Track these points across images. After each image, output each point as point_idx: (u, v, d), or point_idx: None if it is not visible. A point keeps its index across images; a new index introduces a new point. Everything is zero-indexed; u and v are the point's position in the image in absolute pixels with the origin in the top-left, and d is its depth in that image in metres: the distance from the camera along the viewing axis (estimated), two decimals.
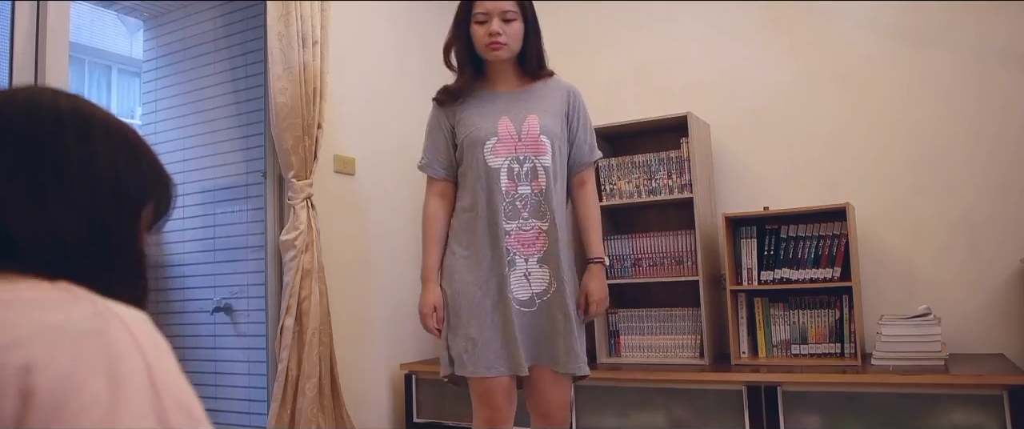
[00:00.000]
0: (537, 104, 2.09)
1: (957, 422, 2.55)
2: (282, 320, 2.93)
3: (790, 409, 2.76)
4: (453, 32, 2.07)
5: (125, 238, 0.75)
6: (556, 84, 2.15)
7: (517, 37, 2.04)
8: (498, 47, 2.00)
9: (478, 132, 2.06)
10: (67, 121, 0.72)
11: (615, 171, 3.41)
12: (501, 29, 1.99)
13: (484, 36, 2.00)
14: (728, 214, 3.15)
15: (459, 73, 2.11)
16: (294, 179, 2.99)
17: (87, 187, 0.71)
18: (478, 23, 2.01)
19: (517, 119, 2.06)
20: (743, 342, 3.14)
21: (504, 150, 2.05)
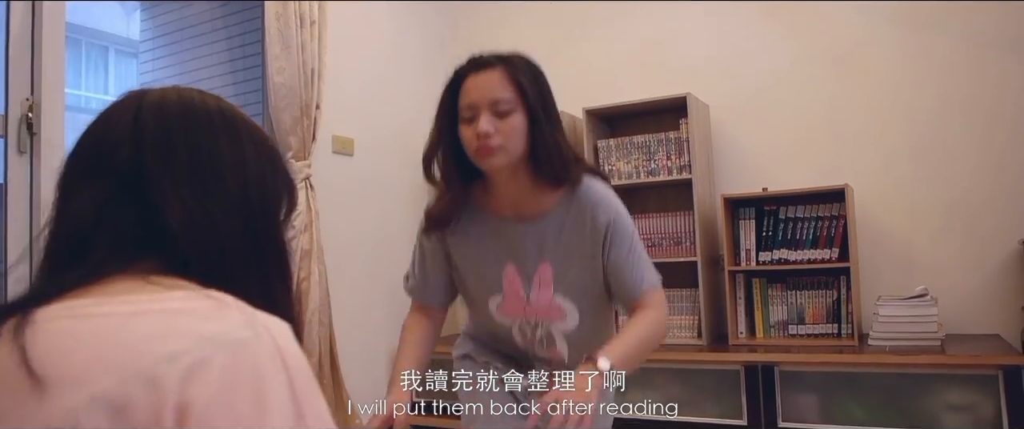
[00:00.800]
0: (554, 244, 1.46)
1: (952, 402, 2.57)
2: None
3: (787, 389, 2.78)
4: (434, 133, 1.45)
5: (273, 239, 0.76)
6: (583, 203, 1.47)
7: (517, 135, 1.37)
8: (489, 152, 1.36)
9: (478, 284, 1.56)
10: (218, 122, 0.73)
11: (614, 152, 3.41)
12: (493, 126, 1.35)
13: (472, 140, 1.37)
14: (727, 195, 3.15)
15: (446, 189, 1.49)
16: (293, 160, 2.98)
17: (242, 188, 0.72)
18: (465, 121, 1.39)
19: (525, 269, 1.49)
20: (741, 322, 3.15)
21: (512, 310, 1.53)
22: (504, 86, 1.37)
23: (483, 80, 1.38)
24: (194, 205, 0.69)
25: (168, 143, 0.70)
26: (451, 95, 1.42)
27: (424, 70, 3.91)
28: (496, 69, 1.38)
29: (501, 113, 1.36)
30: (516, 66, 1.39)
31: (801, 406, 2.76)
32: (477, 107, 1.37)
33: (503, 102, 1.36)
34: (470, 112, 1.38)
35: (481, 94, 1.37)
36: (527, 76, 1.39)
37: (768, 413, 2.78)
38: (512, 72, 1.38)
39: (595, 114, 3.47)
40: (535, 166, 1.41)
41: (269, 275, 0.75)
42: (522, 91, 1.37)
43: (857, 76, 3.27)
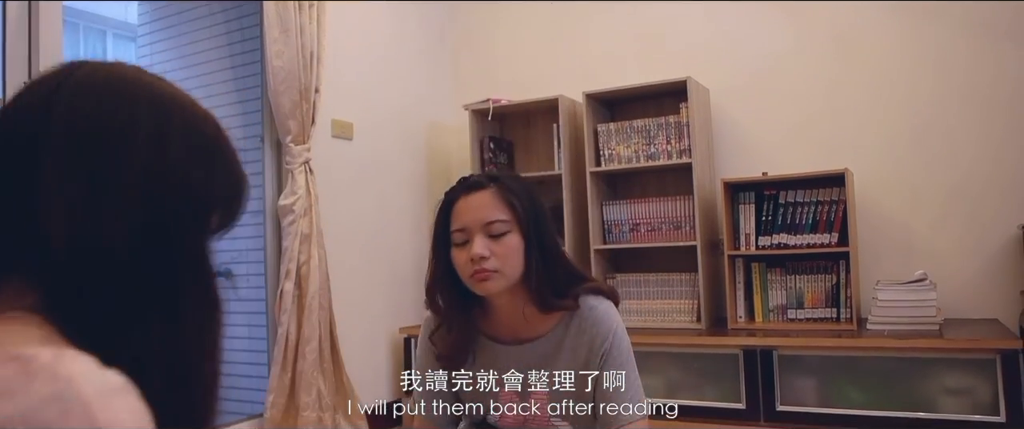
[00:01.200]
0: (552, 366, 1.40)
1: (950, 385, 2.58)
2: (282, 284, 2.94)
3: (786, 373, 2.79)
4: (432, 261, 1.39)
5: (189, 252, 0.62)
6: (583, 324, 1.39)
7: (513, 256, 1.30)
8: (485, 276, 1.29)
9: (474, 397, 1.46)
10: (144, 110, 0.61)
11: (614, 136, 3.40)
12: (487, 249, 1.28)
13: (466, 265, 1.31)
14: (727, 179, 3.15)
15: (451, 322, 1.41)
16: (292, 144, 2.98)
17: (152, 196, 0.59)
18: (457, 245, 1.32)
19: (524, 391, 1.42)
20: (740, 307, 3.16)
21: (511, 422, 1.45)
22: (497, 206, 1.31)
23: (475, 202, 1.32)
24: (81, 210, 0.56)
25: (75, 130, 0.58)
26: (443, 220, 1.35)
27: (423, 54, 3.90)
28: (487, 189, 1.33)
29: (495, 235, 1.30)
30: (507, 185, 1.34)
31: (799, 390, 2.78)
32: (470, 230, 1.30)
33: (498, 222, 1.30)
34: (463, 236, 1.31)
35: (473, 216, 1.31)
36: (520, 195, 1.33)
37: (766, 397, 2.79)
38: (504, 192, 1.32)
39: (595, 98, 3.46)
40: (533, 288, 1.33)
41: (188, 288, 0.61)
42: (515, 210, 1.31)
43: (858, 60, 3.25)
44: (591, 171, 3.40)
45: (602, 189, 3.49)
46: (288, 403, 2.92)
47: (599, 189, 3.46)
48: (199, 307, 0.62)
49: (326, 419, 2.96)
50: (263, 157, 3.10)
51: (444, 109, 4.03)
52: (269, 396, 2.89)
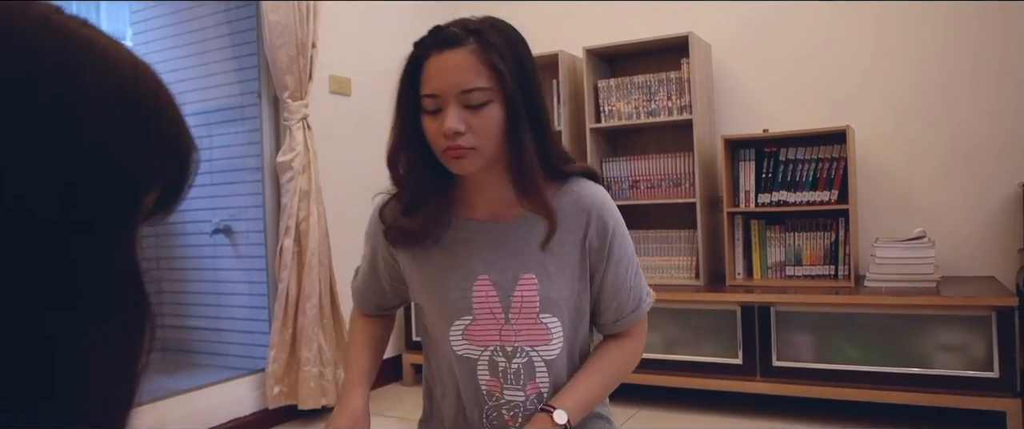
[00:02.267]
0: (540, 249, 1.16)
1: (945, 342, 2.60)
2: (281, 241, 2.95)
3: (783, 329, 2.81)
4: (396, 127, 1.14)
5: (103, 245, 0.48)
6: (580, 204, 1.18)
7: (494, 131, 1.08)
8: (459, 153, 1.08)
9: (439, 305, 1.20)
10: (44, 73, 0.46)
11: (614, 92, 3.37)
12: (463, 123, 1.06)
13: (438, 138, 1.08)
14: (727, 136, 3.13)
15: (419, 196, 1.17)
16: (289, 100, 2.95)
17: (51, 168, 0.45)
18: (428, 113, 1.09)
19: (503, 281, 1.16)
20: (738, 264, 3.17)
21: (483, 336, 1.18)
22: (476, 70, 1.06)
23: (450, 62, 1.06)
24: None
25: None
26: (410, 80, 1.11)
27: (422, 8, 3.84)
28: (464, 47, 1.06)
29: (474, 106, 1.06)
30: (491, 42, 1.07)
31: (796, 346, 2.80)
32: (443, 96, 1.06)
33: (475, 92, 1.06)
34: (434, 103, 1.07)
35: (447, 81, 1.06)
36: (505, 54, 1.08)
37: (763, 353, 2.82)
38: (486, 51, 1.06)
39: (596, 53, 3.42)
40: (516, 167, 1.11)
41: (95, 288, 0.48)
42: (499, 75, 1.06)
43: (860, 17, 3.21)
44: (591, 127, 3.38)
45: (602, 146, 3.48)
46: (289, 358, 2.95)
47: (599, 146, 3.44)
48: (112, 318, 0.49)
49: (327, 374, 3.00)
50: (260, 113, 3.08)
51: None
52: (270, 351, 2.92)
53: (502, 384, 1.18)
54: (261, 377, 2.95)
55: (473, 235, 1.18)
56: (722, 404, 2.92)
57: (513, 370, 1.18)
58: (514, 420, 1.19)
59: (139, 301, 0.51)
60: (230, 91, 3.15)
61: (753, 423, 2.79)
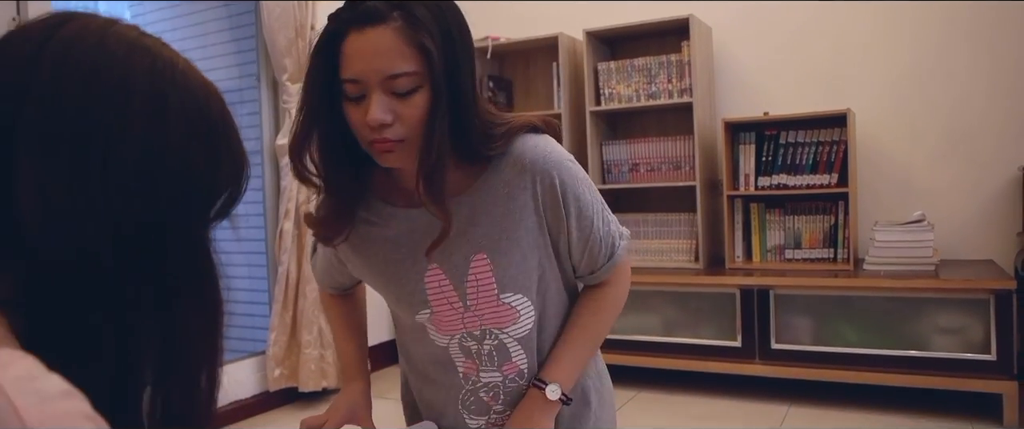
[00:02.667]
0: (487, 225, 1.05)
1: (944, 325, 2.61)
2: (281, 224, 2.95)
3: (782, 312, 2.82)
4: (302, 114, 1.00)
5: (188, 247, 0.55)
6: (520, 165, 1.04)
7: (421, 121, 0.94)
8: (388, 147, 0.95)
9: (394, 299, 1.13)
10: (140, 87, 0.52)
11: (614, 75, 3.36)
12: (391, 113, 0.93)
13: (363, 128, 0.95)
14: (727, 119, 3.13)
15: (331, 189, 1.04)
16: (288, 82, 2.94)
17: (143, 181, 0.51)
18: (350, 99, 0.95)
19: (454, 267, 1.06)
20: (738, 247, 3.17)
21: (447, 326, 1.10)
22: (402, 53, 0.91)
23: (372, 43, 0.92)
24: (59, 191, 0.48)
25: (59, 99, 0.49)
26: (325, 60, 0.95)
27: None
28: (389, 25, 0.91)
29: (400, 93, 0.93)
30: (418, 17, 0.92)
31: (795, 329, 2.81)
32: (366, 83, 0.92)
33: (402, 78, 0.92)
34: (357, 89, 0.93)
35: (370, 65, 0.91)
36: (434, 31, 0.93)
37: (762, 335, 2.83)
38: (413, 28, 0.92)
39: (596, 36, 3.40)
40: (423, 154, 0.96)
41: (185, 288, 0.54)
42: (427, 57, 0.92)
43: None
44: (591, 110, 3.37)
45: (602, 129, 3.47)
46: (290, 341, 2.97)
47: (599, 129, 3.44)
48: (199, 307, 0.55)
49: (328, 356, 3.01)
50: (259, 96, 3.07)
51: None
52: (271, 334, 2.93)
53: (478, 366, 1.11)
54: (262, 359, 2.97)
55: (416, 224, 1.06)
56: (721, 386, 2.93)
57: (486, 352, 1.11)
58: (495, 400, 1.12)
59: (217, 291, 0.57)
60: (229, 74, 3.13)
61: (752, 405, 2.81)
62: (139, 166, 0.51)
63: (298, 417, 2.91)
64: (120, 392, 0.49)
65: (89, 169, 0.49)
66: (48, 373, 0.43)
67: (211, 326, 0.57)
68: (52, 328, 0.48)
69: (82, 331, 0.48)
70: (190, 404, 0.55)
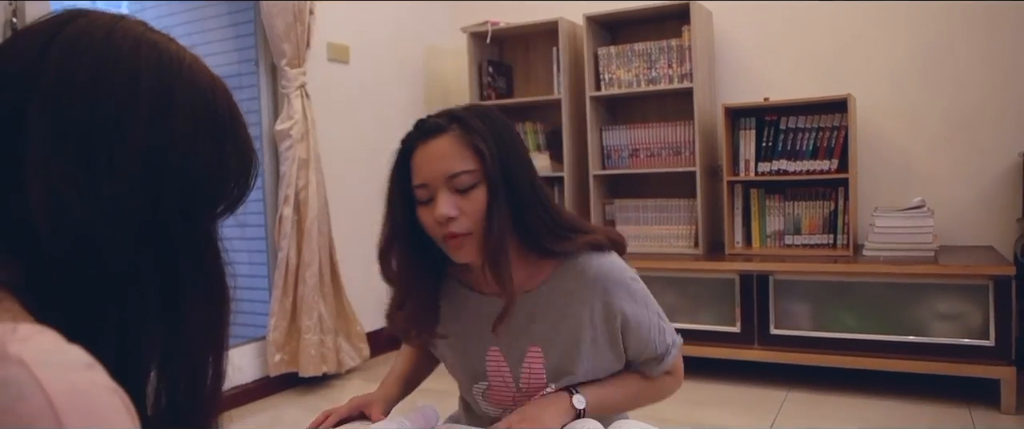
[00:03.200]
0: (544, 324, 1.19)
1: (942, 311, 2.62)
2: (281, 210, 2.94)
3: (781, 298, 2.82)
4: (387, 222, 1.16)
5: (195, 239, 0.56)
6: (576, 273, 1.18)
7: (482, 214, 1.09)
8: (458, 243, 1.10)
9: (460, 368, 1.28)
10: (146, 78, 0.53)
11: (614, 60, 3.34)
12: (455, 208, 1.07)
13: (434, 227, 1.10)
14: (728, 104, 3.12)
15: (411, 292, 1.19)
16: (287, 67, 2.93)
17: (149, 175, 0.52)
18: (422, 203, 1.11)
19: (512, 353, 1.21)
20: (738, 232, 3.17)
21: (500, 399, 1.24)
22: (459, 155, 1.08)
23: (434, 150, 1.09)
24: (66, 186, 0.49)
25: (66, 96, 0.50)
26: (400, 173, 1.12)
27: None
28: (447, 135, 1.09)
29: (462, 189, 1.07)
30: (471, 126, 1.09)
31: (794, 314, 2.82)
32: (432, 186, 1.08)
33: (463, 176, 1.07)
34: (426, 193, 1.09)
35: (434, 169, 1.08)
36: (486, 136, 1.09)
37: (761, 321, 2.83)
38: (467, 135, 1.09)
39: (596, 21, 3.38)
40: (488, 242, 1.09)
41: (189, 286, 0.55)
42: (482, 158, 1.08)
43: None
44: (591, 95, 3.36)
45: (602, 114, 3.46)
46: (290, 326, 2.97)
47: (599, 114, 3.43)
48: (205, 300, 0.57)
49: (328, 342, 3.02)
50: (258, 81, 3.06)
51: (442, 32, 3.95)
52: (271, 320, 2.93)
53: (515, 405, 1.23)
54: (262, 345, 2.97)
55: (484, 309, 1.20)
56: (720, 371, 2.94)
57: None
58: None
59: (223, 284, 0.59)
60: (227, 59, 3.12)
61: (751, 390, 2.82)
62: (146, 160, 0.51)
63: (299, 402, 2.93)
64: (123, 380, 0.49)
65: (96, 162, 0.50)
66: (69, 346, 0.44)
67: (217, 317, 0.58)
68: (58, 318, 0.48)
69: (88, 321, 0.49)
70: (195, 393, 0.56)
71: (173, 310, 0.53)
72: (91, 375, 0.43)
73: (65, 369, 0.42)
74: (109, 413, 0.42)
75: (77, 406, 0.40)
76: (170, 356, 0.54)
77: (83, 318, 0.49)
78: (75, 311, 0.49)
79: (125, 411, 0.43)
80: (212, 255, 0.58)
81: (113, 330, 0.50)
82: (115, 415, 0.42)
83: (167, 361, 0.53)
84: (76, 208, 0.49)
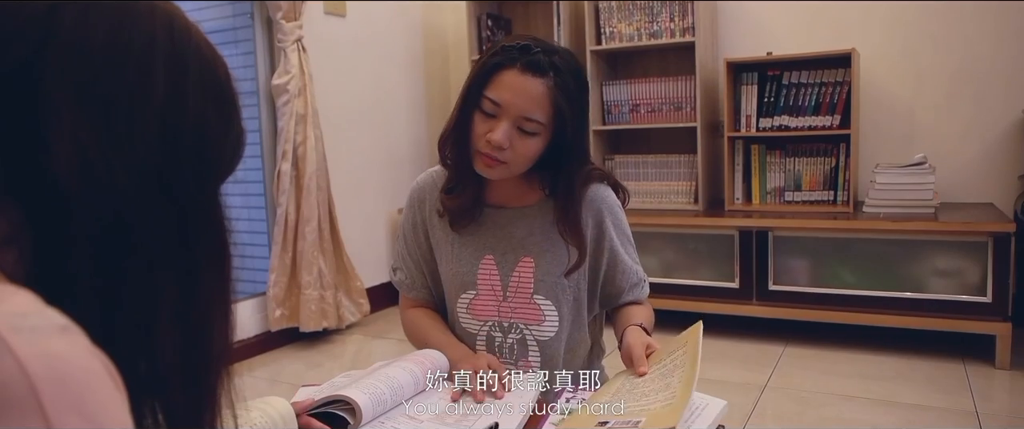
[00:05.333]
0: (541, 237, 1.27)
1: (941, 267, 2.62)
2: (279, 165, 2.93)
3: (780, 254, 2.83)
4: (454, 115, 1.23)
5: (204, 205, 0.57)
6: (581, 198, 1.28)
7: (527, 159, 1.19)
8: (491, 164, 1.18)
9: (451, 276, 1.32)
10: (161, 42, 0.53)
11: (615, 13, 3.29)
12: (508, 141, 1.15)
13: (480, 139, 1.17)
14: (730, 59, 3.08)
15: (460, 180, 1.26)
16: (283, 21, 2.89)
17: (170, 138, 0.52)
18: (482, 112, 1.17)
19: (505, 261, 1.28)
20: (738, 188, 3.17)
21: (483, 310, 1.29)
22: (544, 105, 1.14)
23: (525, 86, 1.14)
24: (95, 151, 0.48)
25: (83, 54, 0.49)
26: (481, 78, 1.17)
27: None
28: (544, 80, 1.14)
29: (524, 131, 1.15)
30: (566, 85, 1.16)
31: (793, 270, 2.83)
32: (504, 108, 1.14)
33: (533, 122, 1.14)
34: (493, 109, 1.15)
35: (513, 100, 1.13)
36: (572, 100, 1.17)
37: (760, 276, 2.84)
38: (559, 92, 1.15)
39: None
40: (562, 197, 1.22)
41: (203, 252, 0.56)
42: (559, 117, 1.16)
43: None
44: (591, 49, 3.31)
45: (602, 68, 3.42)
46: (290, 282, 2.98)
47: (599, 68, 3.39)
48: (214, 260, 0.57)
49: (327, 297, 3.03)
50: (253, 35, 3.01)
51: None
52: (271, 275, 2.94)
53: (499, 357, 1.26)
54: (263, 300, 2.99)
55: (486, 218, 1.29)
56: (718, 327, 2.96)
57: (508, 344, 1.29)
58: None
59: (227, 243, 0.60)
60: (222, 12, 3.07)
61: (749, 345, 2.84)
62: (161, 123, 0.52)
63: (299, 356, 2.96)
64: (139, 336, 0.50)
65: (118, 124, 0.49)
66: (45, 308, 0.42)
67: (224, 275, 0.59)
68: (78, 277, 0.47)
69: (109, 281, 0.48)
70: (206, 347, 0.57)
71: (186, 269, 0.54)
72: (68, 337, 0.41)
73: (38, 333, 0.40)
74: (88, 376, 0.40)
75: (52, 370, 0.38)
76: (184, 314, 0.54)
77: (104, 281, 0.48)
78: (96, 274, 0.48)
79: (106, 374, 0.41)
80: (219, 217, 0.59)
81: (133, 291, 0.50)
82: (94, 378, 0.40)
83: (180, 318, 0.53)
84: (102, 168, 0.48)
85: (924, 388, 2.39)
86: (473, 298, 1.29)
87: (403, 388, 1.05)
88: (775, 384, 2.47)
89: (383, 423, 0.99)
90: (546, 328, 1.27)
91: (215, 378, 0.58)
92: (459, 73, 3.88)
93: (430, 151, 3.90)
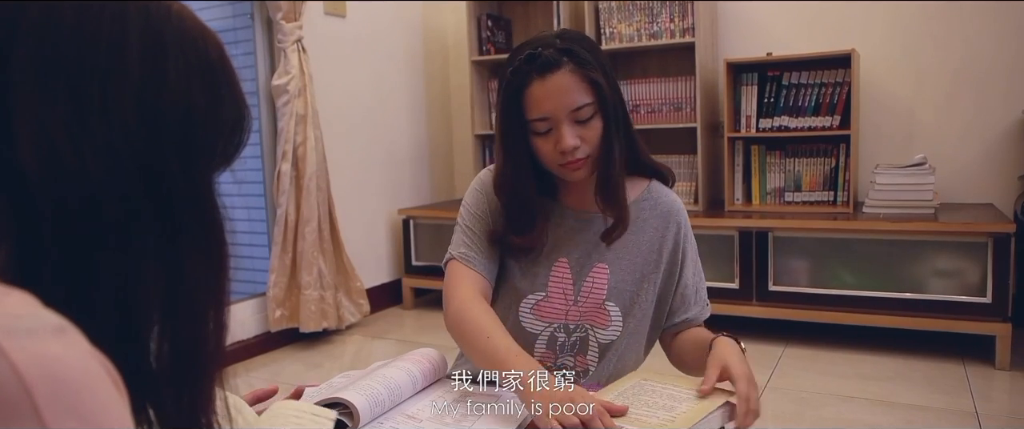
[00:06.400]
0: (615, 244, 1.26)
1: (941, 268, 2.62)
2: (279, 165, 2.93)
3: (780, 254, 2.83)
4: (502, 155, 1.23)
5: (193, 193, 0.54)
6: (654, 201, 1.29)
7: (600, 140, 1.17)
8: (577, 166, 1.17)
9: (521, 278, 1.28)
10: (133, 27, 0.50)
11: (615, 13, 3.29)
12: (577, 138, 1.14)
13: (555, 154, 1.16)
14: (730, 59, 3.08)
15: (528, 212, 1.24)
16: (283, 21, 2.89)
17: (147, 123, 0.50)
18: (538, 134, 1.17)
19: (579, 266, 1.26)
20: (738, 189, 3.16)
21: (551, 313, 1.26)
22: (579, 88, 1.14)
23: (554, 86, 1.13)
24: (61, 136, 0.46)
25: (50, 36, 0.47)
26: (515, 108, 1.16)
27: None
28: (564, 69, 1.13)
29: (582, 120, 1.14)
30: (583, 59, 1.15)
31: (793, 271, 2.83)
32: (555, 118, 1.14)
33: (584, 108, 1.14)
34: (546, 125, 1.15)
35: (557, 103, 1.13)
36: (598, 68, 1.16)
37: (760, 277, 2.84)
38: (583, 69, 1.14)
39: None
40: (604, 169, 1.20)
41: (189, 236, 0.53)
42: (598, 89, 1.15)
43: None
44: None
45: None
46: (289, 283, 2.98)
47: None
48: (204, 251, 0.55)
49: (327, 297, 3.03)
50: (253, 36, 3.01)
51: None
52: (271, 276, 2.94)
53: (556, 355, 1.26)
54: (262, 301, 2.99)
55: (563, 222, 1.28)
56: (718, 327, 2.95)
57: (570, 341, 1.27)
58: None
59: (221, 235, 0.57)
60: (222, 12, 3.07)
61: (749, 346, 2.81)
62: (139, 102, 0.49)
63: (299, 357, 2.95)
64: (124, 334, 0.48)
65: (88, 105, 0.47)
66: (40, 309, 0.41)
67: (216, 269, 0.56)
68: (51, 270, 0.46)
69: (83, 274, 0.47)
70: (197, 346, 0.54)
71: (172, 261, 0.51)
72: (65, 339, 0.40)
73: (33, 335, 0.38)
74: (85, 378, 0.39)
75: (48, 373, 0.37)
76: (171, 309, 0.52)
77: (78, 273, 0.46)
78: (68, 267, 0.46)
79: (106, 375, 0.40)
80: (210, 206, 0.56)
81: (111, 284, 0.47)
82: (92, 380, 0.39)
83: (168, 314, 0.51)
84: (69, 154, 0.46)
85: (924, 388, 2.39)
86: (541, 300, 1.26)
87: (400, 389, 1.05)
88: (775, 384, 2.47)
89: (382, 423, 0.99)
90: (610, 331, 1.26)
91: (209, 378, 0.55)
92: (459, 73, 3.88)
93: (430, 151, 3.90)
